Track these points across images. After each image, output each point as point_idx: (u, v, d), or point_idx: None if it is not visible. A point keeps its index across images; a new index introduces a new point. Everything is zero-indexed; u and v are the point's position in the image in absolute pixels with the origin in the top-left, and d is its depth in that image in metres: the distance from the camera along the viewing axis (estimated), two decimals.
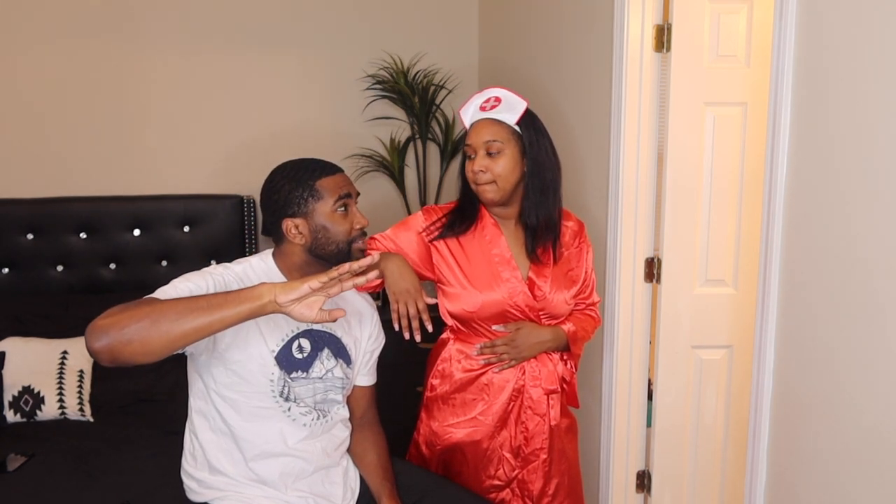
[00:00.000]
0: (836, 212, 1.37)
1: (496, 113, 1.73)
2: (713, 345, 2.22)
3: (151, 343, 1.18)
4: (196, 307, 1.20)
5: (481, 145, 1.72)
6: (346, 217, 1.57)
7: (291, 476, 1.58)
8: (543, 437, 1.83)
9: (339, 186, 1.56)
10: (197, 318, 1.19)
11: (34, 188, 2.85)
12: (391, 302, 1.67)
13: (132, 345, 1.17)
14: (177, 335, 1.19)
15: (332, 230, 1.55)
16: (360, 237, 1.59)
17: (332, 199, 1.55)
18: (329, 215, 1.55)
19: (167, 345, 1.20)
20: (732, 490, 2.29)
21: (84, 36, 2.89)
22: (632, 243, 2.15)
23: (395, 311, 1.66)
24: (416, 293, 1.67)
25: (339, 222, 1.55)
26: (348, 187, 1.58)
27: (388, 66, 3.13)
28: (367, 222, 1.59)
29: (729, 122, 2.11)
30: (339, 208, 1.55)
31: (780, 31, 1.47)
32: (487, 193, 1.74)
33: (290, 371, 1.55)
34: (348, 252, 1.57)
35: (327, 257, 1.57)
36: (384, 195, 3.27)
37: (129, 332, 1.17)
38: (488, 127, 1.72)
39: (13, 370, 2.34)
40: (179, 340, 1.20)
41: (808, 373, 1.46)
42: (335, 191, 1.55)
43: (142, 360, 1.21)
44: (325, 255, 1.57)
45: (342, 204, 1.55)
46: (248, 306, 1.22)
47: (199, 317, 1.20)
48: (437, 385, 1.84)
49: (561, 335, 1.81)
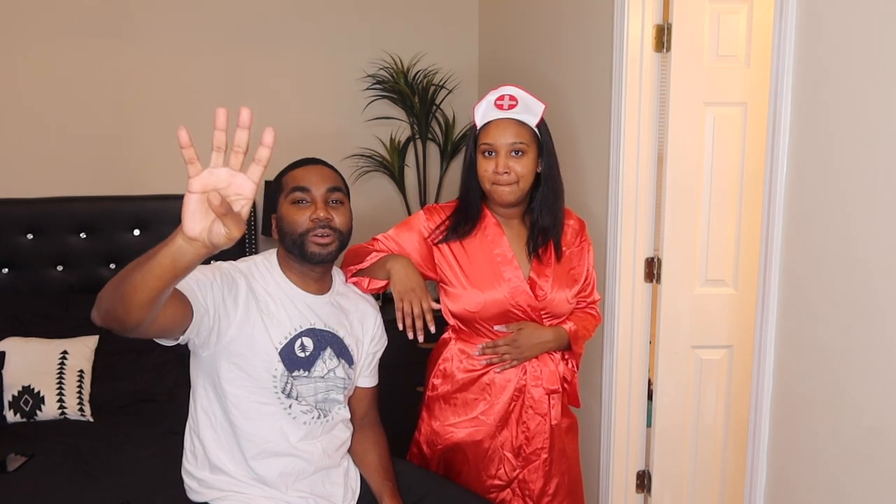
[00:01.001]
0: (836, 212, 1.37)
1: (517, 113, 1.72)
2: (713, 345, 2.22)
3: (123, 305, 1.10)
4: (136, 263, 1.08)
5: (505, 146, 1.70)
6: (303, 210, 1.54)
7: (292, 476, 1.58)
8: (544, 436, 1.84)
9: (297, 179, 1.55)
10: (137, 273, 1.07)
11: (34, 188, 2.85)
12: (396, 301, 1.66)
13: (115, 310, 1.12)
14: (132, 293, 1.08)
15: (287, 221, 1.54)
16: (319, 228, 1.53)
17: (287, 189, 1.55)
18: (285, 207, 1.55)
19: (136, 305, 1.10)
20: (732, 490, 2.29)
21: (84, 36, 2.89)
22: (632, 243, 2.15)
23: (399, 309, 1.66)
24: (422, 293, 1.66)
25: (291, 213, 1.54)
26: (312, 180, 1.54)
27: (388, 66, 3.13)
28: (323, 215, 1.52)
29: (729, 122, 2.11)
30: (293, 201, 1.54)
31: (780, 31, 1.48)
32: (508, 195, 1.73)
33: (293, 369, 1.55)
34: (302, 244, 1.54)
35: (288, 251, 1.57)
36: (384, 195, 3.28)
37: (106, 301, 1.13)
38: (512, 128, 1.71)
39: (13, 370, 2.34)
40: (138, 296, 1.08)
41: (808, 373, 1.46)
42: (291, 182, 1.55)
43: (133, 324, 1.14)
44: (286, 248, 1.57)
45: (297, 198, 1.54)
46: (166, 248, 1.01)
47: (139, 270, 1.06)
48: (439, 385, 1.84)
49: (562, 335, 1.81)
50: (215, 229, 0.95)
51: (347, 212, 1.60)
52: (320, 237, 1.53)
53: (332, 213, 1.55)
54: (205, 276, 1.45)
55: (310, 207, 1.54)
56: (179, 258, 1.00)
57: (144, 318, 1.14)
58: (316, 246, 1.53)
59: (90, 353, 2.46)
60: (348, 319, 1.67)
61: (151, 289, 1.06)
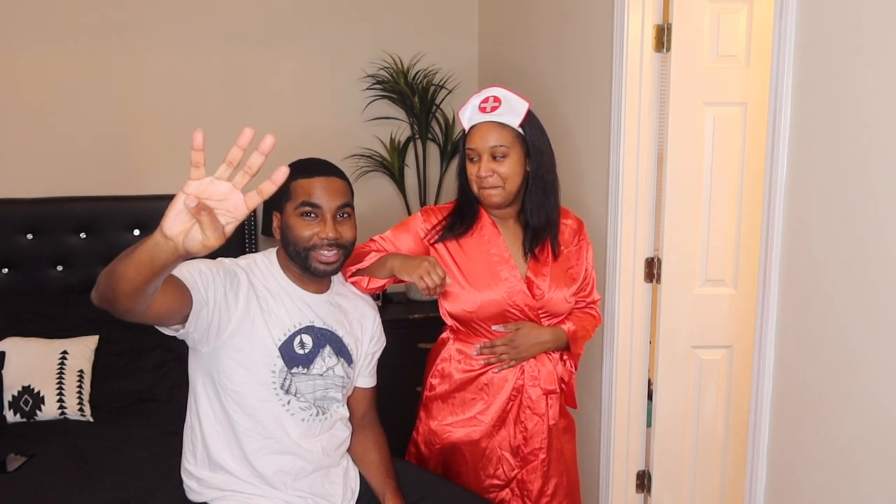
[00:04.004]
0: (836, 212, 1.37)
1: (498, 115, 1.71)
2: (713, 345, 2.22)
3: (112, 293, 1.11)
4: (124, 253, 1.09)
5: (486, 150, 1.70)
6: (311, 224, 1.53)
7: (290, 475, 1.58)
8: (542, 436, 1.84)
9: (308, 192, 1.53)
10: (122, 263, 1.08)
11: (34, 188, 2.85)
12: (417, 281, 1.61)
13: (106, 296, 1.13)
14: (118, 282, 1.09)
15: (293, 232, 1.54)
16: (326, 247, 1.53)
17: (297, 201, 1.54)
18: (293, 217, 1.54)
19: (121, 294, 1.10)
20: (732, 490, 2.29)
21: (84, 36, 2.89)
22: (632, 243, 2.15)
23: (423, 288, 1.61)
24: (431, 263, 1.62)
25: (299, 226, 1.53)
26: (323, 197, 1.53)
27: (387, 66, 3.13)
28: (332, 235, 1.52)
29: (729, 122, 2.11)
30: (302, 214, 1.53)
31: (780, 31, 1.48)
32: (494, 198, 1.73)
33: (292, 366, 1.55)
34: (307, 259, 1.54)
35: (290, 258, 1.58)
36: (384, 195, 3.28)
37: (101, 285, 1.14)
38: (492, 131, 1.71)
39: (13, 370, 2.34)
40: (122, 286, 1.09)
41: (808, 373, 1.46)
42: (302, 195, 1.53)
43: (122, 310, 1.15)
44: (288, 255, 1.57)
45: (305, 211, 1.53)
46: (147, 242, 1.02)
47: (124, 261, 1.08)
48: (437, 384, 1.84)
49: (561, 335, 1.81)
50: (193, 234, 0.95)
51: (354, 223, 1.60)
52: (326, 255, 1.53)
53: (340, 228, 1.55)
54: (208, 268, 1.46)
55: (318, 223, 1.53)
56: (156, 255, 1.00)
57: (132, 307, 1.14)
58: (320, 264, 1.54)
59: (90, 353, 2.46)
60: (347, 319, 1.67)
61: (133, 280, 1.07)
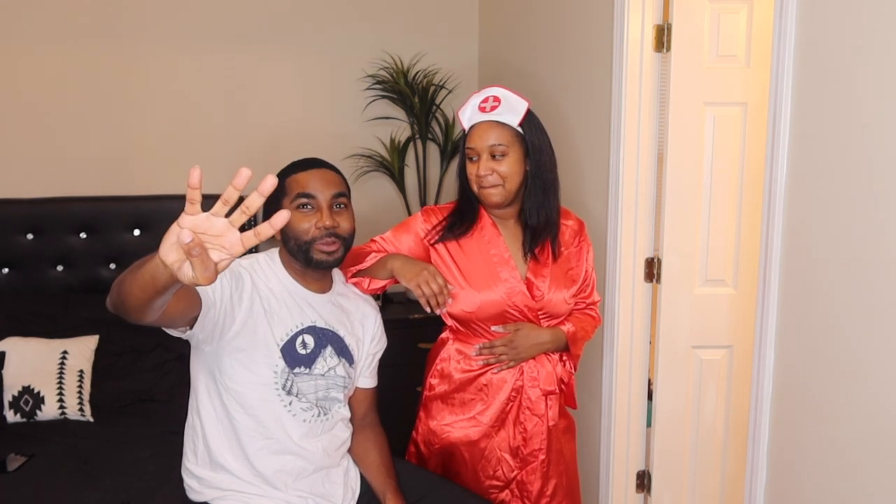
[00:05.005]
0: (836, 212, 1.37)
1: (497, 115, 1.71)
2: (713, 345, 2.22)
3: (123, 305, 1.11)
4: (132, 268, 1.08)
5: (485, 149, 1.71)
6: (308, 215, 1.55)
7: (291, 475, 1.58)
8: (542, 437, 1.83)
9: (302, 184, 1.56)
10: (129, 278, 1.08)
11: (34, 188, 2.85)
12: (413, 288, 1.65)
13: (118, 307, 1.14)
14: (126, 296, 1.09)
15: (291, 227, 1.55)
16: (326, 237, 1.54)
17: (293, 195, 1.56)
18: (290, 211, 1.54)
19: (131, 308, 1.11)
20: (732, 490, 2.29)
21: (84, 36, 2.89)
22: (632, 243, 2.15)
23: (420, 295, 1.65)
24: (431, 272, 1.66)
25: (296, 219, 1.54)
26: (317, 187, 1.55)
27: (388, 66, 3.13)
28: (329, 223, 1.54)
29: (729, 122, 2.11)
30: (298, 206, 1.55)
31: (780, 31, 1.48)
32: (493, 197, 1.73)
33: (294, 366, 1.56)
34: (308, 251, 1.55)
35: (291, 254, 1.58)
36: (384, 195, 3.28)
37: (113, 295, 1.14)
38: (491, 130, 1.71)
39: (13, 370, 2.34)
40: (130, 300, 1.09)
41: (808, 373, 1.46)
42: (297, 188, 1.56)
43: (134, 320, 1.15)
44: (290, 251, 1.58)
45: (302, 203, 1.55)
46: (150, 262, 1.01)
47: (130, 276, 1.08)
48: (436, 385, 1.84)
49: (560, 336, 1.81)
50: (185, 269, 0.93)
51: (351, 214, 1.61)
52: (326, 245, 1.55)
53: (337, 218, 1.57)
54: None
55: (315, 214, 1.55)
56: (158, 276, 0.99)
57: (143, 318, 1.15)
58: (322, 254, 1.55)
59: (90, 353, 2.46)
60: (349, 319, 1.68)
61: (139, 298, 1.06)
